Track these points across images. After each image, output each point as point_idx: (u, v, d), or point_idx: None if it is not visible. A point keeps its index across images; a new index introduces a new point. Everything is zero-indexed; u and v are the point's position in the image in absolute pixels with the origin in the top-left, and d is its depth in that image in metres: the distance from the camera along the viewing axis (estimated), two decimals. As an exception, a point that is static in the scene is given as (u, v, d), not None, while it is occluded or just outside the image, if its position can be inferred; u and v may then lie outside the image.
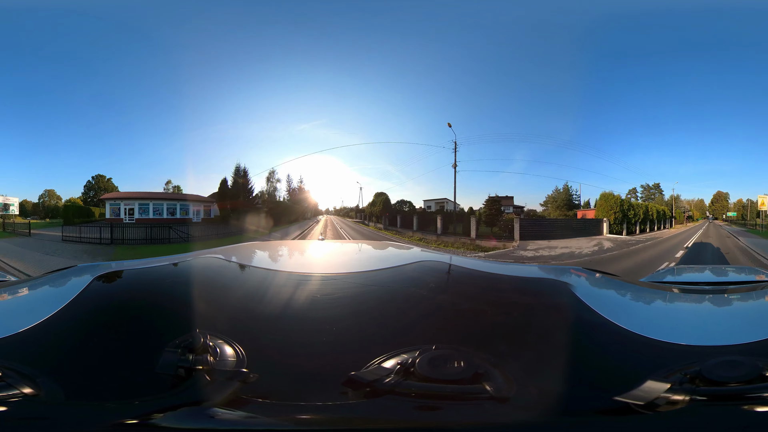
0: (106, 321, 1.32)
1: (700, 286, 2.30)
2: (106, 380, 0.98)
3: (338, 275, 1.92)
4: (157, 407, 0.87)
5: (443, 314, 1.40)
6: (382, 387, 0.87)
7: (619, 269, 12.27)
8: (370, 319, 1.32)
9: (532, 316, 1.48)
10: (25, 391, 0.88)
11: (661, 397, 0.89)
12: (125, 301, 1.55)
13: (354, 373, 0.90)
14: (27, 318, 1.23)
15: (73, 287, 1.49)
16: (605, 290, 1.93)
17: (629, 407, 0.88)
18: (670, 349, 1.11)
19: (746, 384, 0.90)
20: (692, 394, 0.89)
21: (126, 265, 2.01)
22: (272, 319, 1.30)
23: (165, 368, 0.93)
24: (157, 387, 0.92)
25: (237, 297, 1.56)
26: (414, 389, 0.87)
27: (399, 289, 1.71)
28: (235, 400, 0.87)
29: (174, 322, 1.28)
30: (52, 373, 0.95)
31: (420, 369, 0.89)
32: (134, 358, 1.07)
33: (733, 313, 1.67)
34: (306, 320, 1.29)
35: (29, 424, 0.85)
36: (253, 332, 1.18)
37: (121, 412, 0.86)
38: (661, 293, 1.93)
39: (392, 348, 1.00)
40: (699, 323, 1.50)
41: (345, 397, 0.88)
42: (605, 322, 1.29)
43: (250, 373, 0.92)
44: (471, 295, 1.75)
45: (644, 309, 1.72)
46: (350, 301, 1.48)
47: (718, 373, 0.92)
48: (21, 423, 0.85)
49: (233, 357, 0.97)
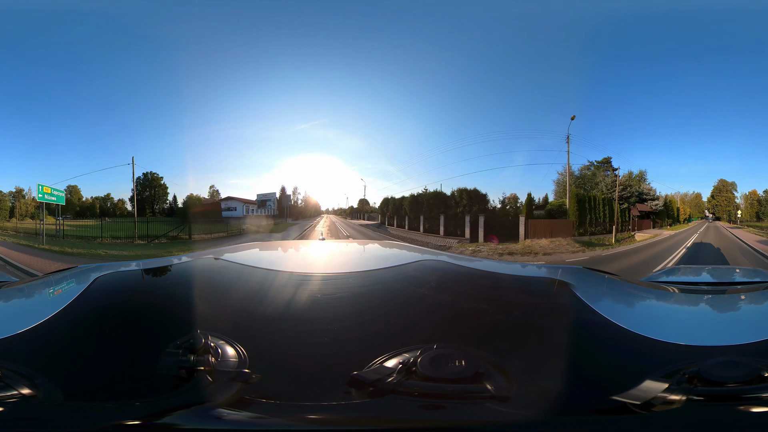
0: (106, 322, 1.32)
1: (700, 286, 2.31)
2: (107, 381, 0.98)
3: (339, 275, 1.92)
4: (158, 408, 0.87)
5: (444, 313, 1.41)
6: (384, 386, 0.88)
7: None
8: (371, 318, 1.32)
9: (532, 315, 1.49)
10: (23, 392, 0.88)
11: (658, 397, 0.90)
12: (126, 301, 1.55)
13: (356, 373, 0.90)
14: (28, 319, 1.23)
15: (74, 288, 1.49)
16: (605, 290, 1.94)
17: (627, 407, 0.89)
18: (669, 348, 1.11)
19: (744, 384, 0.90)
20: (690, 394, 0.89)
21: (127, 266, 2.02)
22: (274, 319, 1.31)
23: (166, 369, 0.93)
24: (159, 388, 0.92)
25: (238, 297, 1.56)
26: (416, 389, 0.87)
27: (400, 289, 1.71)
28: (237, 401, 0.87)
29: (175, 322, 1.28)
30: (52, 374, 0.95)
31: (422, 368, 0.90)
32: (135, 359, 1.07)
33: (732, 313, 1.68)
34: (307, 320, 1.29)
35: (28, 425, 0.85)
36: (255, 332, 1.18)
37: (121, 413, 0.86)
38: (660, 293, 1.94)
39: (394, 347, 1.01)
40: (698, 323, 1.51)
41: (347, 396, 0.89)
42: (605, 321, 1.30)
43: (251, 373, 0.92)
44: (472, 295, 1.75)
45: (644, 309, 1.73)
46: (352, 301, 1.48)
47: (717, 374, 0.92)
48: (20, 424, 0.85)
49: (235, 357, 0.98)
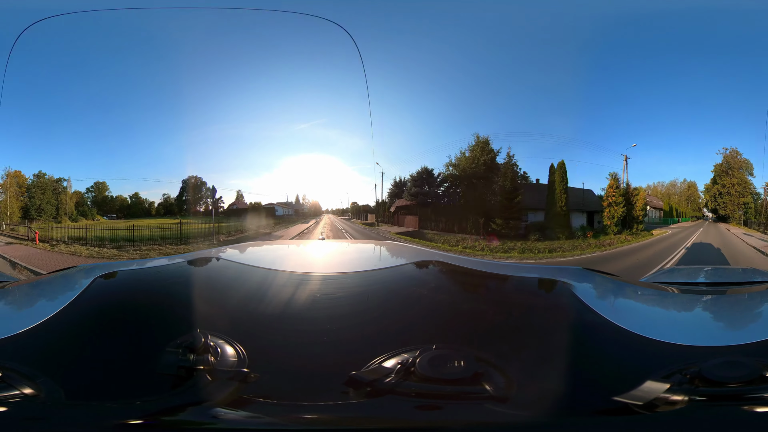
0: (106, 321, 1.32)
1: (700, 286, 2.30)
2: (107, 381, 0.98)
3: (338, 275, 1.92)
4: (158, 407, 0.87)
5: (443, 314, 1.41)
6: (382, 387, 0.87)
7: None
8: (370, 318, 1.32)
9: (532, 316, 1.48)
10: (25, 392, 0.88)
11: (660, 398, 0.89)
12: (126, 301, 1.55)
13: (354, 373, 0.90)
14: (28, 318, 1.23)
15: (74, 288, 1.49)
16: (605, 290, 1.93)
17: (629, 407, 0.89)
18: (670, 349, 1.11)
19: (746, 384, 0.90)
20: (692, 394, 0.89)
21: (126, 266, 2.02)
22: (273, 318, 1.31)
23: (166, 368, 0.93)
24: (158, 387, 0.92)
25: (237, 297, 1.56)
26: (414, 389, 0.87)
27: (399, 289, 1.71)
28: (236, 400, 0.87)
29: (175, 322, 1.28)
30: (53, 373, 0.95)
31: (420, 369, 0.89)
32: (135, 358, 1.07)
33: (732, 313, 1.67)
34: (306, 320, 1.29)
35: (30, 424, 0.85)
36: (254, 332, 1.18)
37: (122, 412, 0.86)
38: (661, 293, 1.93)
39: (392, 348, 1.00)
40: (699, 323, 1.50)
41: (346, 396, 0.88)
42: (605, 322, 1.30)
43: (251, 373, 0.92)
44: (471, 295, 1.75)
45: (644, 309, 1.72)
46: (350, 301, 1.48)
47: (718, 374, 0.92)
48: (22, 423, 0.85)
49: (234, 357, 0.97)
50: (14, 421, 0.84)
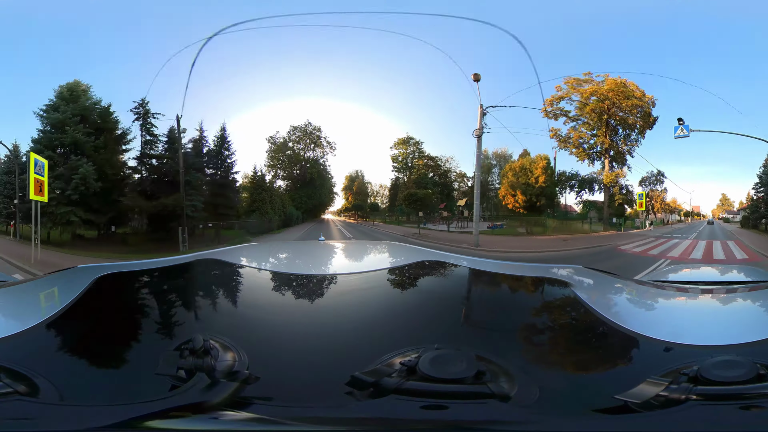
0: (105, 322, 1.32)
1: (700, 285, 2.31)
2: (106, 382, 0.98)
3: (339, 275, 1.92)
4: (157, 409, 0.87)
5: (444, 313, 1.41)
6: (384, 387, 0.87)
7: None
8: (371, 318, 1.32)
9: (532, 314, 1.49)
10: (21, 392, 0.87)
11: (659, 396, 0.90)
12: (125, 302, 1.55)
13: (356, 374, 0.90)
14: (27, 319, 1.23)
15: (74, 288, 1.49)
16: (605, 289, 1.94)
17: (628, 406, 0.89)
18: (670, 348, 1.11)
19: (745, 384, 0.90)
20: (691, 393, 0.89)
21: (126, 266, 2.01)
22: (273, 319, 1.31)
23: (165, 370, 0.92)
24: (157, 389, 0.92)
25: (238, 298, 1.57)
26: (417, 389, 0.87)
27: (399, 289, 1.71)
28: (237, 402, 0.87)
29: (174, 322, 1.28)
30: (51, 373, 0.95)
31: (422, 368, 0.89)
32: (134, 359, 1.07)
33: (733, 312, 1.68)
34: (307, 320, 1.29)
35: (26, 424, 0.85)
36: (254, 333, 1.18)
37: (119, 414, 0.86)
38: (660, 292, 1.94)
39: (394, 348, 1.01)
40: (698, 322, 1.51)
41: (347, 397, 0.88)
42: (605, 320, 1.30)
43: (251, 374, 0.92)
44: (473, 294, 1.76)
45: (643, 308, 1.73)
46: (351, 301, 1.48)
47: (717, 373, 0.92)
48: (17, 423, 0.84)
49: (234, 358, 0.97)
50: (10, 421, 0.84)
